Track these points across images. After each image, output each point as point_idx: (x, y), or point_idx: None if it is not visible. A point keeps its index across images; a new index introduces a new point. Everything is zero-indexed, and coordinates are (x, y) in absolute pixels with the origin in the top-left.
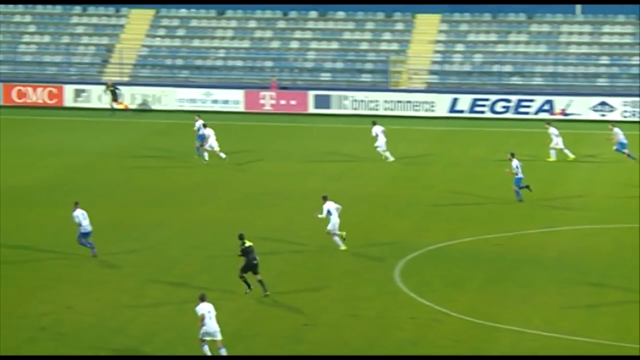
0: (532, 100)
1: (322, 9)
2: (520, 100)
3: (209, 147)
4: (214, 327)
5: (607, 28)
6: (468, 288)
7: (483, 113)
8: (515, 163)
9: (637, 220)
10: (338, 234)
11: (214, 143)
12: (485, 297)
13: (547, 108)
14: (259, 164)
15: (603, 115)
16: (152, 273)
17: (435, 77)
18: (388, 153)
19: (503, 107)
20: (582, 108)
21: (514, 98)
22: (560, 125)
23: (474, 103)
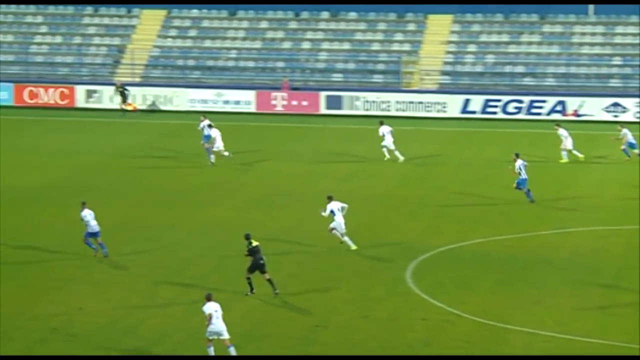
0: (544, 101)
1: (333, 10)
2: (533, 101)
3: (216, 148)
4: (221, 326)
5: (619, 29)
6: (480, 289)
7: (495, 114)
8: (519, 164)
9: None
10: (340, 234)
11: (220, 144)
12: (497, 298)
13: (559, 109)
14: (270, 165)
15: (616, 116)
16: (163, 274)
17: (447, 77)
18: (398, 153)
19: (515, 108)
20: (594, 109)
21: (526, 99)
22: (573, 126)
23: (486, 104)
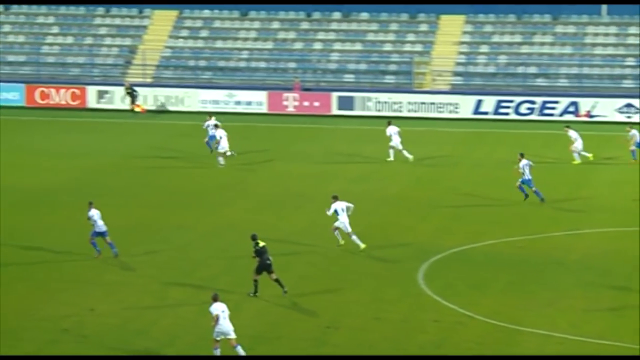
0: (557, 102)
1: (345, 10)
2: (545, 102)
3: (221, 149)
4: (228, 326)
5: (633, 29)
6: (492, 291)
7: (507, 115)
8: (523, 163)
9: None
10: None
11: (226, 144)
12: (509, 300)
13: (572, 110)
14: (282, 166)
15: (629, 117)
16: (174, 275)
17: (460, 78)
18: (406, 152)
19: (528, 108)
20: (607, 110)
21: (539, 100)
22: (586, 127)
23: (499, 105)
